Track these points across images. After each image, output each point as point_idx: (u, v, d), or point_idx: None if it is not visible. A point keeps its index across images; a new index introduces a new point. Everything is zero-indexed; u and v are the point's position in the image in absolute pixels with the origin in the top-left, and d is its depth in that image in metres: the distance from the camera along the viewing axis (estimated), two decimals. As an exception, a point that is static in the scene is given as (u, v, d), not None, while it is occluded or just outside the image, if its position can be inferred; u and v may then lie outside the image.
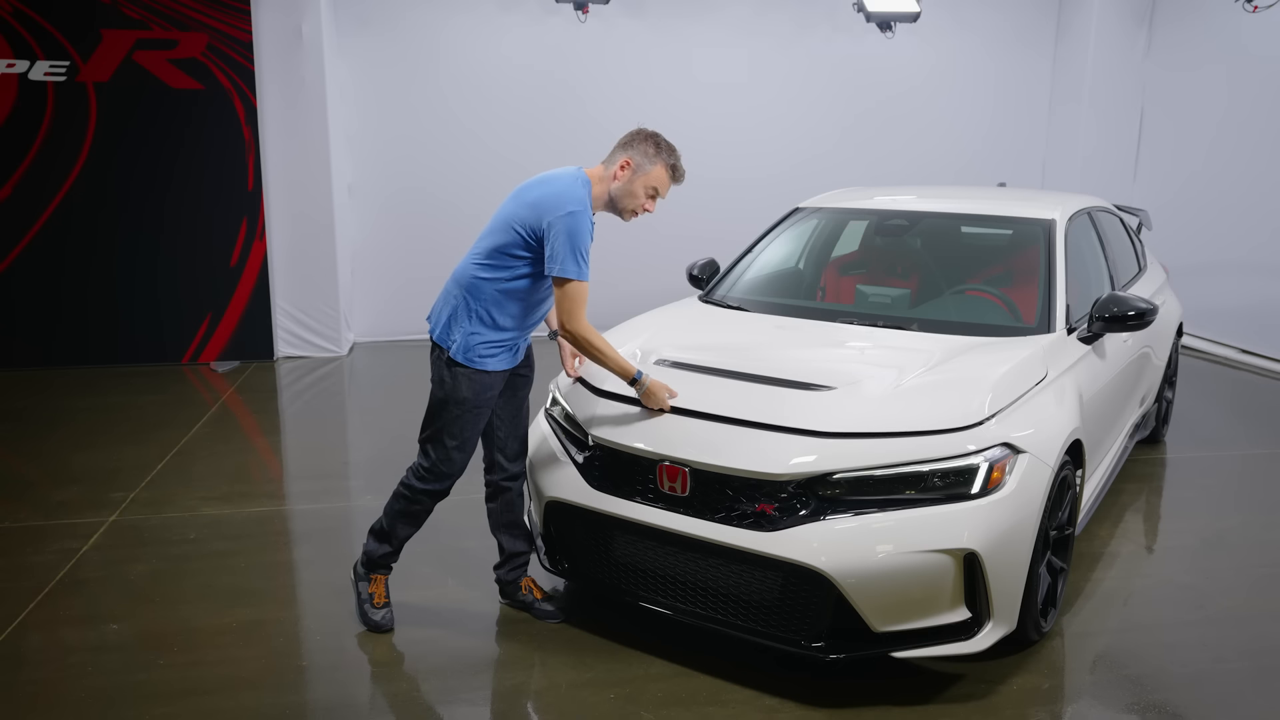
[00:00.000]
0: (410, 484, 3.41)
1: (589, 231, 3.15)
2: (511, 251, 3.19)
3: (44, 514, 4.55)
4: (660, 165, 3.24)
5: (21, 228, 7.12)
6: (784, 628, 3.02)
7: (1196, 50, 8.40)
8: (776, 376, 3.30)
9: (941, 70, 8.94)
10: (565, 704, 3.07)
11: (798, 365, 3.41)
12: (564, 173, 3.24)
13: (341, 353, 7.86)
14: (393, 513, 3.46)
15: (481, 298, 3.23)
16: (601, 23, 8.13)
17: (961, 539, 2.86)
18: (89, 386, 6.86)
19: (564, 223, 3.08)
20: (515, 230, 3.17)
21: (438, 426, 3.33)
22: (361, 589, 3.55)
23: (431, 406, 3.36)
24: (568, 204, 3.10)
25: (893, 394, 3.18)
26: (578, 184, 3.18)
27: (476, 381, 3.27)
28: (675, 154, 3.28)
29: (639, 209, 3.28)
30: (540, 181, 3.24)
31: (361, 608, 3.53)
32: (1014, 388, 3.26)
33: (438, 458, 3.35)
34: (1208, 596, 3.79)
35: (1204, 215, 8.29)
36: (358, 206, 8.14)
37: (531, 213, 3.14)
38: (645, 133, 3.27)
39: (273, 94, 7.34)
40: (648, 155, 3.23)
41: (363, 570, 3.56)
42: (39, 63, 6.92)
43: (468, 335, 3.25)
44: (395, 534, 3.48)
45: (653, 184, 3.25)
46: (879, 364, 3.48)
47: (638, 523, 3.16)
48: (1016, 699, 3.07)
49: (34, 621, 3.56)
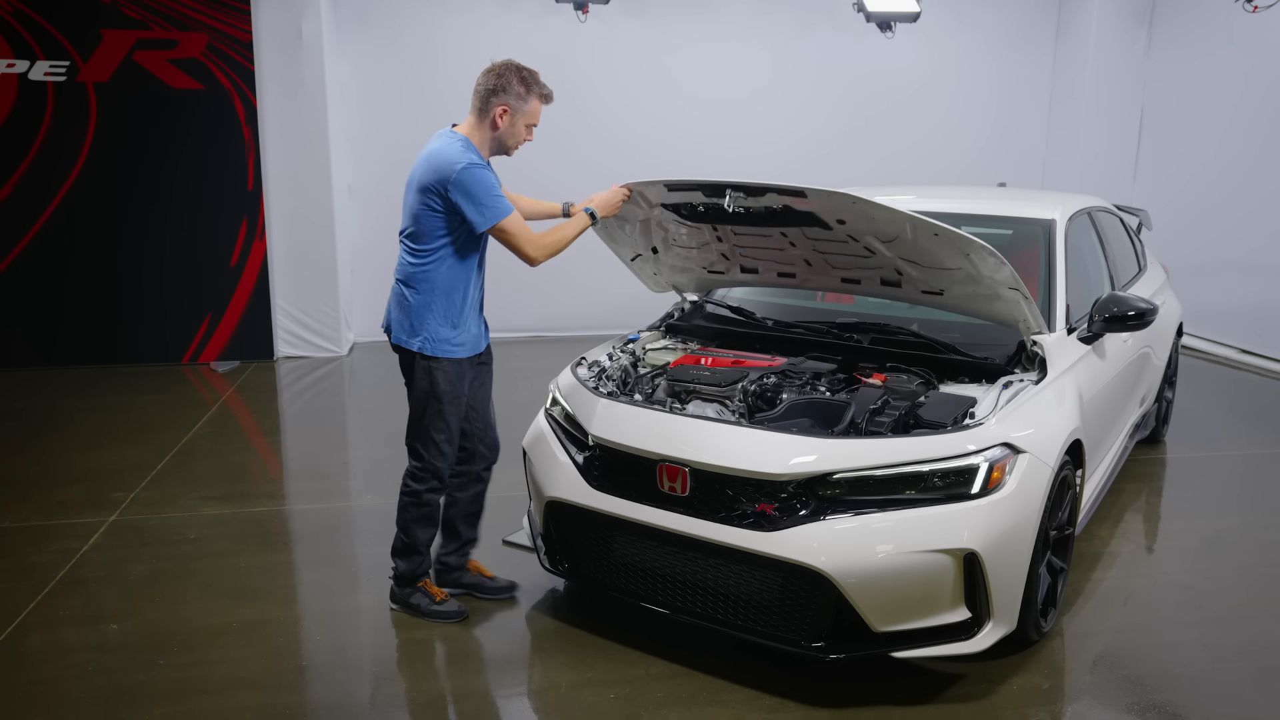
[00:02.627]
0: (411, 489, 3.49)
1: (486, 173, 3.25)
2: (427, 234, 3.30)
3: (44, 514, 4.56)
4: (534, 100, 3.33)
5: (21, 228, 7.12)
6: (784, 628, 3.02)
7: (1196, 50, 8.40)
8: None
9: (941, 70, 8.93)
10: (565, 704, 3.07)
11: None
12: (436, 143, 3.31)
13: (341, 353, 7.86)
14: (406, 522, 3.52)
15: (420, 286, 3.33)
16: (601, 23, 8.13)
17: (961, 539, 2.86)
18: (89, 386, 6.86)
19: (458, 183, 3.19)
20: (418, 213, 3.29)
21: (424, 426, 3.42)
22: (417, 601, 3.58)
23: (414, 409, 3.46)
24: (454, 164, 3.19)
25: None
26: (456, 143, 3.26)
27: (450, 372, 3.38)
28: (537, 79, 3.34)
29: (521, 143, 3.39)
30: (419, 162, 3.31)
31: (429, 613, 3.56)
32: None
33: (430, 455, 3.44)
34: (1208, 596, 3.79)
35: (1204, 215, 8.29)
36: (358, 206, 8.14)
37: (426, 193, 3.25)
38: (508, 70, 3.29)
39: (273, 94, 7.34)
40: (520, 96, 3.30)
41: (404, 591, 3.60)
42: (39, 63, 6.92)
43: (429, 330, 3.34)
44: (418, 542, 3.54)
45: (532, 119, 3.35)
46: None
47: (638, 523, 3.16)
48: (1016, 699, 3.07)
49: (34, 621, 3.56)
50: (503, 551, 4.02)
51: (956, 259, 3.31)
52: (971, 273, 3.35)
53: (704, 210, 3.62)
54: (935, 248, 3.30)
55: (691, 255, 4.13)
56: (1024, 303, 3.35)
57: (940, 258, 3.37)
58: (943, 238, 3.19)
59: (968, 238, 3.14)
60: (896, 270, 3.59)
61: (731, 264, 4.08)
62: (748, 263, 4.04)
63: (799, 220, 3.44)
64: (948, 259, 3.35)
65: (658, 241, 4.05)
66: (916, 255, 3.43)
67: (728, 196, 3.42)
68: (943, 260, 3.38)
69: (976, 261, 3.24)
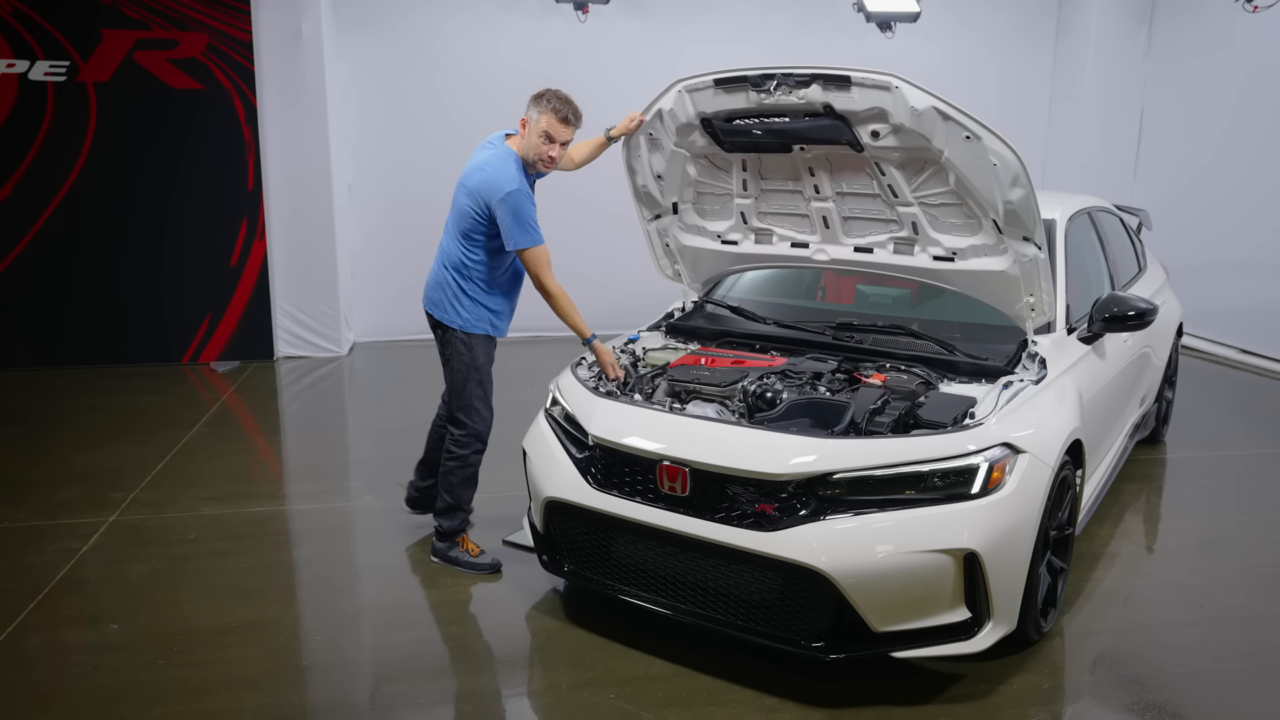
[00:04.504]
0: (458, 454, 3.88)
1: (528, 201, 3.64)
2: (475, 232, 3.70)
3: (44, 514, 4.56)
4: (545, 114, 3.64)
5: (22, 228, 7.12)
6: (784, 628, 3.02)
7: (1196, 50, 8.39)
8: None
9: (941, 71, 8.91)
10: (565, 704, 3.07)
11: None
12: (493, 155, 3.69)
13: (341, 353, 7.86)
14: (454, 484, 3.89)
15: (470, 275, 3.76)
16: (601, 23, 8.13)
17: (961, 539, 2.86)
18: (89, 386, 6.86)
19: (504, 205, 3.59)
20: (471, 216, 3.68)
21: (467, 395, 3.83)
22: (456, 555, 3.95)
23: (455, 382, 3.85)
24: (503, 186, 3.58)
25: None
26: (508, 163, 3.65)
27: (489, 347, 3.86)
28: (557, 100, 3.65)
29: (545, 156, 3.69)
30: (475, 169, 3.70)
31: (468, 566, 3.92)
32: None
33: (473, 421, 3.85)
34: (1208, 596, 3.79)
35: (1204, 215, 8.28)
36: (358, 206, 8.14)
37: (475, 199, 3.65)
38: (538, 92, 3.69)
39: (273, 94, 7.34)
40: (535, 109, 3.66)
41: (444, 545, 3.97)
42: (39, 63, 6.92)
43: (475, 308, 3.78)
44: (461, 501, 3.93)
45: (543, 130, 3.65)
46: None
47: (638, 522, 3.16)
48: (1016, 699, 3.07)
49: (34, 621, 3.56)
50: (503, 552, 4.01)
51: (983, 185, 3.32)
52: (995, 209, 3.36)
53: (743, 127, 3.64)
54: (964, 168, 3.31)
55: (709, 217, 4.19)
56: (1039, 265, 3.37)
57: (963, 200, 3.44)
58: (973, 142, 3.22)
59: (999, 135, 3.17)
60: (914, 226, 3.63)
61: (747, 229, 4.10)
62: (764, 225, 4.06)
63: (834, 133, 3.46)
64: (971, 195, 3.39)
65: (679, 194, 4.13)
66: (938, 201, 3.50)
67: (777, 80, 3.43)
68: (965, 205, 3.45)
69: (1003, 178, 3.24)
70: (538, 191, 3.81)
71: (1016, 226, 3.38)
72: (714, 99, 3.64)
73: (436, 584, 3.86)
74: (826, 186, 3.76)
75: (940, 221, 3.60)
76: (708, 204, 4.18)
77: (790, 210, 3.97)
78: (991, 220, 3.43)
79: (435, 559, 4.00)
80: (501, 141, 3.75)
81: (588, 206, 7.68)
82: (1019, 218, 3.34)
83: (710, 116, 3.70)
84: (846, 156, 3.58)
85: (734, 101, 3.58)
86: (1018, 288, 3.54)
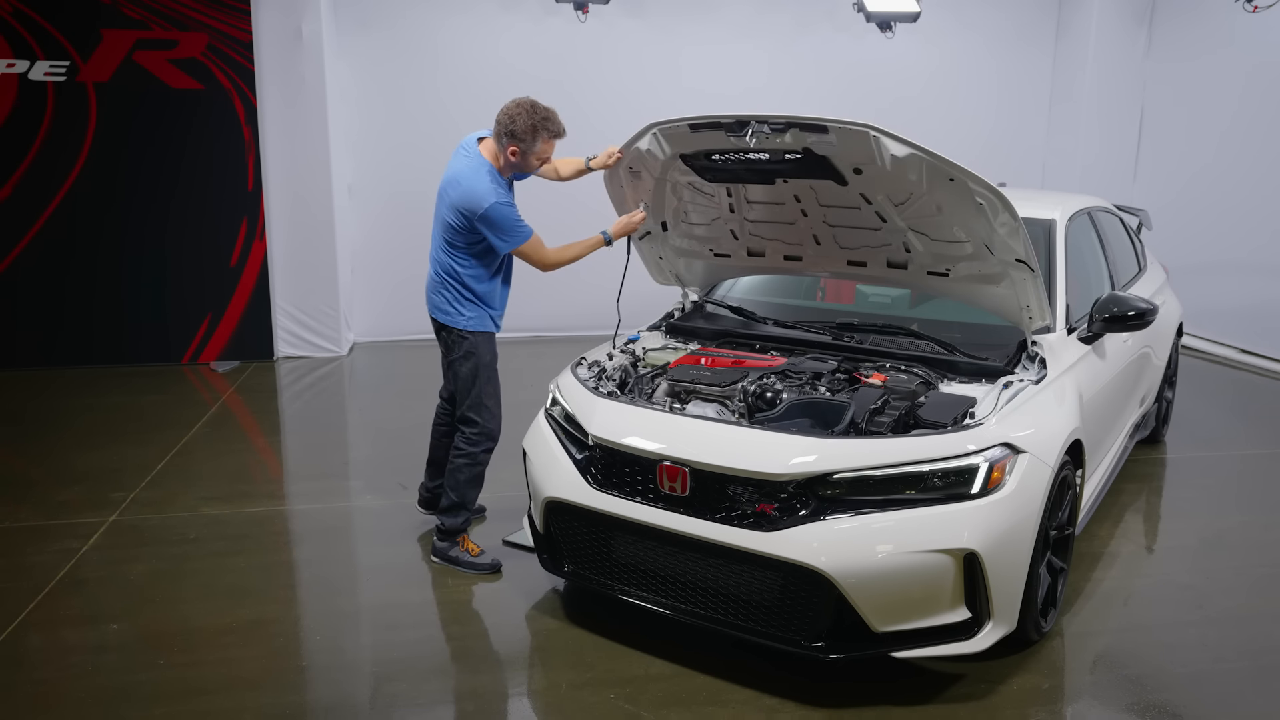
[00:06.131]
0: (468, 451, 3.91)
1: (507, 206, 3.68)
2: (460, 241, 3.76)
3: (44, 514, 4.56)
4: (541, 142, 3.66)
5: (21, 228, 7.12)
6: (784, 628, 3.02)
7: (1196, 50, 8.40)
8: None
9: (941, 71, 8.93)
10: (565, 704, 3.07)
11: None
12: (466, 168, 3.70)
13: (341, 353, 7.86)
14: (461, 483, 3.92)
15: (464, 278, 3.81)
16: (601, 23, 8.13)
17: (961, 539, 2.86)
18: (89, 387, 6.86)
19: (485, 220, 3.65)
20: (453, 227, 3.74)
21: (476, 393, 3.88)
22: (456, 555, 3.96)
23: (463, 381, 3.88)
24: (481, 202, 3.63)
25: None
26: (481, 174, 3.67)
27: (493, 342, 3.93)
28: (549, 122, 3.65)
29: (538, 166, 3.80)
30: (452, 181, 3.72)
31: (468, 566, 3.92)
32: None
33: (484, 419, 3.90)
34: (1208, 596, 3.79)
35: (1204, 215, 8.28)
36: (358, 206, 8.14)
37: (457, 214, 3.70)
38: (521, 112, 3.62)
39: (273, 94, 7.34)
40: (528, 140, 3.64)
41: (445, 544, 3.97)
42: (39, 63, 6.92)
43: (474, 308, 3.83)
44: (466, 500, 3.95)
45: (543, 155, 3.73)
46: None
47: (638, 522, 3.16)
48: (1016, 699, 3.07)
49: (34, 621, 3.56)
50: (503, 552, 4.01)
51: (969, 220, 3.31)
52: (984, 238, 3.35)
53: (722, 163, 3.59)
54: (949, 204, 3.30)
55: (699, 235, 4.16)
56: (1032, 281, 3.35)
57: (951, 226, 3.40)
58: (958, 183, 3.20)
59: (982, 180, 3.15)
60: (905, 246, 3.60)
61: (739, 244, 4.08)
62: (755, 243, 4.05)
63: (816, 170, 3.41)
64: (960, 225, 3.37)
65: (668, 215, 4.08)
66: (927, 225, 3.45)
67: (750, 129, 3.37)
68: (954, 230, 3.41)
69: (990, 214, 3.24)
70: (521, 186, 3.90)
71: (1008, 252, 3.37)
72: (691, 139, 3.58)
73: (437, 584, 3.86)
74: (815, 211, 3.73)
75: (931, 241, 3.57)
76: (696, 223, 4.14)
77: (781, 227, 3.93)
78: (983, 244, 3.42)
79: (435, 558, 4.00)
80: (475, 148, 3.76)
81: (584, 210, 7.67)
82: (1010, 246, 3.33)
83: (688, 155, 3.67)
84: (831, 187, 3.52)
85: (711, 141, 3.54)
86: (1013, 302, 3.53)
